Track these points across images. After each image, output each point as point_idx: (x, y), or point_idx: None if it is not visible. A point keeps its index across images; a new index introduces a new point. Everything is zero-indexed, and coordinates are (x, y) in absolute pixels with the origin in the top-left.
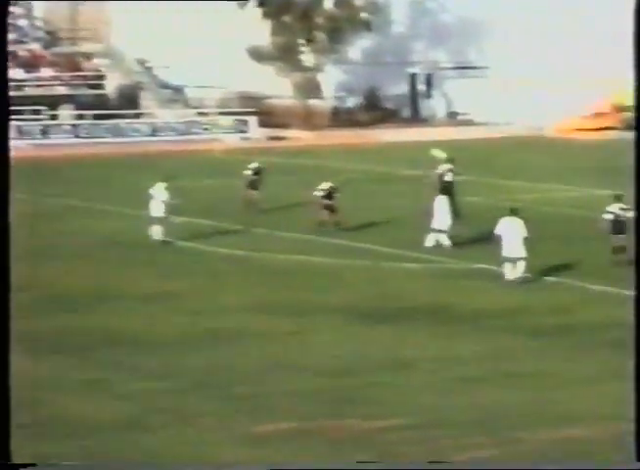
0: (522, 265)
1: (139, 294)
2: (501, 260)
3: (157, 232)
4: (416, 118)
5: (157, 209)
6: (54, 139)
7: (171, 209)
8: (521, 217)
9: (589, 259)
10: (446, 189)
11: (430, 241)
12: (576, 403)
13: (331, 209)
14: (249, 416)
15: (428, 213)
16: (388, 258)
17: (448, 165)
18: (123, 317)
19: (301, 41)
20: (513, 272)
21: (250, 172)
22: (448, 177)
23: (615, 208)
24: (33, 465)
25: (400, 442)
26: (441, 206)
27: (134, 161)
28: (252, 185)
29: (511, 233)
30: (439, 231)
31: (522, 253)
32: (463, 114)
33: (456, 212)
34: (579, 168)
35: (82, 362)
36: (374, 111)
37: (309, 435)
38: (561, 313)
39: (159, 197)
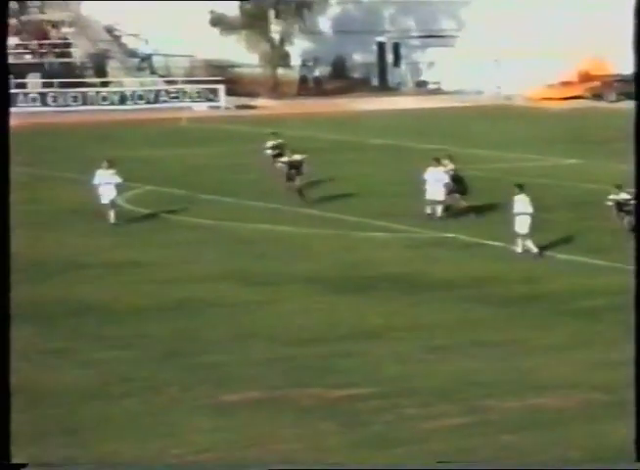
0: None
1: (106, 263)
2: (515, 236)
3: (111, 217)
4: (384, 87)
5: (107, 194)
6: (21, 108)
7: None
8: (492, 187)
9: (559, 229)
10: (459, 185)
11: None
12: (545, 372)
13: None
14: (216, 385)
15: (403, 183)
16: (356, 227)
17: (452, 165)
18: (90, 286)
19: (270, 9)
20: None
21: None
22: (457, 174)
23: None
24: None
25: (367, 410)
26: (434, 177)
27: (101, 129)
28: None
29: (523, 210)
30: (433, 202)
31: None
32: (432, 83)
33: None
34: (548, 138)
35: (48, 331)
36: (342, 80)
37: (276, 404)
38: (529, 282)
39: (104, 180)
